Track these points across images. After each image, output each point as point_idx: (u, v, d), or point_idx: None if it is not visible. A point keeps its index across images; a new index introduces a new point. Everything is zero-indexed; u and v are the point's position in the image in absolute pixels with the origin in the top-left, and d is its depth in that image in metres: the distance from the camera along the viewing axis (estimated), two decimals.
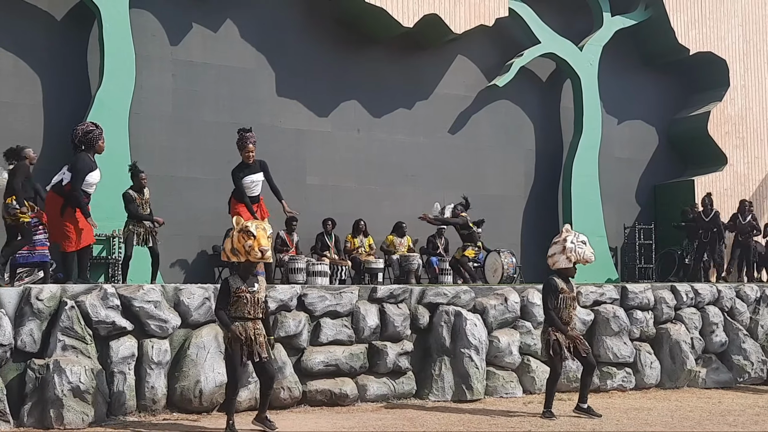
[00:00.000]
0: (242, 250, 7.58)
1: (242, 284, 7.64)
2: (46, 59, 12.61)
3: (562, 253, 8.91)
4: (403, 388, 9.79)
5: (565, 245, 8.89)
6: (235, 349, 7.51)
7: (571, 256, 8.86)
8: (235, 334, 7.47)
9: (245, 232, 7.58)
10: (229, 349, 7.59)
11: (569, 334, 8.82)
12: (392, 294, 10.02)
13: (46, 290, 8.25)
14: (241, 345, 7.49)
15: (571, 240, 8.91)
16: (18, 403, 7.82)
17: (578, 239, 8.93)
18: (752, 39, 17.92)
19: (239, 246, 7.59)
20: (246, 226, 7.62)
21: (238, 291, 7.61)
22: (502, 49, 16.00)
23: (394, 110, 15.26)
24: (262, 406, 7.92)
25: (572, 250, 8.85)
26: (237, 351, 7.51)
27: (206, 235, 13.26)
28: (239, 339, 7.47)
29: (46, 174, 11.55)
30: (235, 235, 7.64)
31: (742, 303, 12.55)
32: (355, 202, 14.50)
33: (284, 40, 14.36)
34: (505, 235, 15.54)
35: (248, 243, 7.54)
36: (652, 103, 17.77)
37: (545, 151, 16.61)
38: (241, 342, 7.48)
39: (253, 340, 7.54)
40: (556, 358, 8.78)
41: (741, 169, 17.58)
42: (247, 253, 7.56)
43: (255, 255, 7.56)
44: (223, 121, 13.42)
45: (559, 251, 8.94)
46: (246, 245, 7.55)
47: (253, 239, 7.53)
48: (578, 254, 8.86)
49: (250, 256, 7.58)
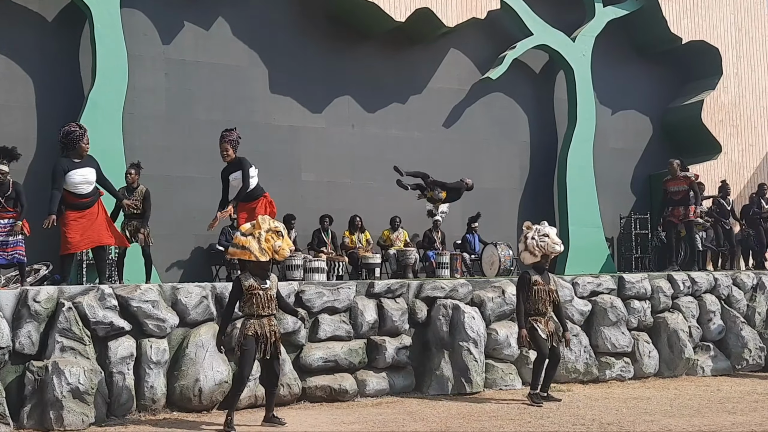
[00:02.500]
0: (270, 250, 7.61)
1: (254, 281, 7.66)
2: (37, 60, 12.57)
3: (525, 250, 9.36)
4: (402, 382, 9.80)
5: (527, 242, 9.33)
6: (249, 344, 7.54)
7: (535, 251, 9.27)
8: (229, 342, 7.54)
9: (275, 232, 7.62)
10: (244, 345, 7.60)
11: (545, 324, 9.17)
12: (390, 289, 10.03)
13: (43, 292, 8.24)
14: (257, 340, 7.54)
15: (531, 236, 9.33)
16: (17, 406, 7.82)
17: (539, 234, 9.32)
18: (744, 27, 17.93)
19: (267, 246, 7.59)
20: (276, 227, 7.66)
21: (251, 289, 7.63)
22: (494, 42, 15.98)
23: (387, 105, 15.24)
24: (269, 405, 7.96)
25: (534, 245, 9.27)
26: (251, 346, 7.54)
27: (202, 234, 13.21)
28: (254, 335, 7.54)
29: (38, 176, 11.57)
30: (263, 234, 7.61)
31: (738, 291, 12.58)
32: (351, 198, 14.50)
33: (276, 37, 14.33)
34: (501, 228, 15.53)
35: (278, 243, 7.60)
36: (646, 92, 17.77)
37: (540, 143, 16.61)
38: (257, 337, 7.54)
39: (268, 337, 7.60)
40: (538, 341, 9.09)
41: (735, 157, 17.60)
42: (275, 252, 7.61)
43: (284, 254, 7.65)
44: (217, 120, 13.39)
45: (522, 248, 9.41)
46: (275, 245, 7.60)
47: (282, 239, 7.59)
48: (542, 248, 9.26)
49: (278, 255, 7.64)
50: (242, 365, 7.67)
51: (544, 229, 9.37)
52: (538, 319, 9.14)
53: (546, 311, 9.20)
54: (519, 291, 9.26)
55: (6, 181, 9.36)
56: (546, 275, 9.35)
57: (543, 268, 9.35)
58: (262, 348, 7.59)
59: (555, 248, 9.31)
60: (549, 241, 9.24)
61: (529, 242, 9.28)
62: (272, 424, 7.84)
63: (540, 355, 9.13)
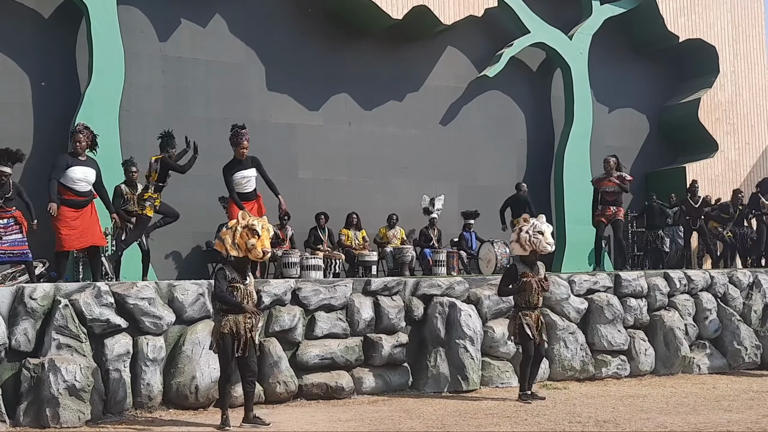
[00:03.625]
0: (243, 247, 7.55)
1: (237, 275, 7.65)
2: (34, 58, 12.55)
3: (516, 242, 9.24)
4: (398, 380, 9.80)
5: (520, 234, 9.22)
6: (227, 342, 7.52)
7: (526, 245, 9.17)
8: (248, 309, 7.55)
9: (250, 229, 7.56)
10: (220, 342, 7.56)
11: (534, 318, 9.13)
12: (386, 286, 10.03)
13: (39, 289, 8.23)
14: (232, 337, 7.51)
15: (526, 230, 9.19)
16: (14, 403, 7.81)
17: (535, 229, 9.17)
18: (741, 25, 17.95)
19: (241, 242, 7.55)
20: (252, 224, 7.58)
21: (233, 282, 7.62)
22: (491, 40, 15.99)
23: (384, 103, 15.24)
24: (247, 404, 7.80)
25: (527, 239, 9.15)
26: (228, 343, 7.51)
27: (199, 231, 13.23)
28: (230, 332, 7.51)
29: (36, 173, 11.55)
30: (239, 230, 7.59)
31: (735, 289, 12.59)
32: (348, 196, 14.50)
33: (273, 35, 14.32)
34: (498, 226, 15.53)
35: (251, 241, 7.51)
36: (643, 91, 17.79)
37: (537, 141, 16.62)
38: (232, 335, 7.50)
39: (242, 334, 7.54)
40: (526, 341, 9.03)
41: (732, 156, 17.63)
42: (248, 250, 7.54)
43: (256, 254, 7.55)
44: (214, 117, 13.38)
45: (514, 239, 9.29)
46: (248, 243, 7.52)
47: (257, 238, 7.52)
48: (533, 244, 9.13)
49: (250, 254, 7.56)
50: (221, 363, 7.66)
51: (541, 225, 9.23)
52: (528, 314, 9.08)
53: (537, 303, 9.14)
54: (503, 279, 9.26)
55: (7, 182, 9.40)
56: (537, 268, 9.24)
57: (532, 263, 9.27)
58: (236, 345, 7.51)
59: (546, 248, 9.19)
60: (542, 240, 9.14)
61: (522, 235, 9.17)
62: (253, 425, 7.67)
63: (526, 357, 9.10)
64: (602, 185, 13.14)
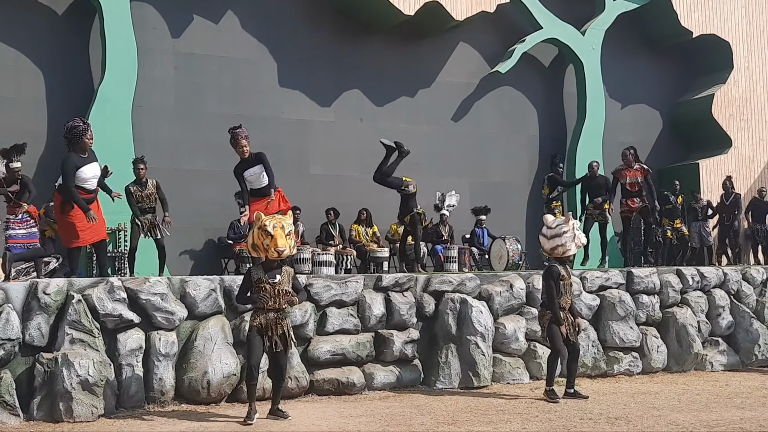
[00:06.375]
0: (261, 247, 7.77)
1: (263, 275, 7.74)
2: (48, 54, 12.63)
3: (572, 241, 9.08)
4: (409, 375, 9.81)
5: (575, 233, 9.09)
6: (253, 336, 7.66)
7: (578, 242, 9.13)
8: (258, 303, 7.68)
9: (263, 230, 7.74)
10: (249, 336, 7.74)
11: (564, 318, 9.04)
12: (397, 282, 10.04)
13: (52, 284, 8.28)
14: (261, 333, 7.65)
15: (576, 227, 9.16)
16: (27, 397, 7.87)
17: (576, 225, 9.20)
18: (756, 20, 17.83)
19: (259, 242, 7.78)
20: (264, 225, 7.76)
21: (258, 282, 7.71)
22: (503, 36, 15.95)
23: (396, 99, 15.25)
24: (274, 398, 8.03)
25: (579, 237, 9.13)
26: (255, 338, 7.65)
27: (211, 227, 13.29)
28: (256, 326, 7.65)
29: (49, 169, 11.63)
30: (256, 231, 7.80)
31: (748, 285, 12.53)
32: (359, 192, 14.50)
33: (286, 31, 14.34)
34: (509, 222, 15.54)
35: (266, 241, 7.70)
36: (656, 86, 17.71)
37: (549, 137, 16.57)
38: (261, 329, 7.65)
39: (274, 330, 7.67)
40: (556, 337, 8.96)
41: (746, 152, 17.52)
42: (266, 250, 7.72)
43: (272, 254, 7.72)
44: (226, 113, 13.41)
45: (570, 239, 9.07)
46: (264, 243, 7.72)
47: (270, 238, 7.67)
48: (577, 246, 9.17)
49: (267, 253, 7.74)
50: (248, 356, 7.80)
51: (575, 221, 9.27)
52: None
53: (566, 306, 9.05)
54: (549, 285, 8.94)
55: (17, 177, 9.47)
56: (567, 269, 9.18)
57: (565, 263, 9.17)
58: (267, 340, 7.66)
59: (585, 240, 9.30)
60: (581, 234, 9.18)
61: (569, 235, 9.00)
62: (276, 417, 7.89)
63: (554, 351, 9.00)
64: (623, 176, 13.02)
